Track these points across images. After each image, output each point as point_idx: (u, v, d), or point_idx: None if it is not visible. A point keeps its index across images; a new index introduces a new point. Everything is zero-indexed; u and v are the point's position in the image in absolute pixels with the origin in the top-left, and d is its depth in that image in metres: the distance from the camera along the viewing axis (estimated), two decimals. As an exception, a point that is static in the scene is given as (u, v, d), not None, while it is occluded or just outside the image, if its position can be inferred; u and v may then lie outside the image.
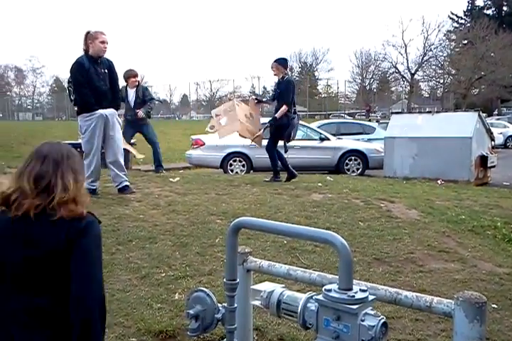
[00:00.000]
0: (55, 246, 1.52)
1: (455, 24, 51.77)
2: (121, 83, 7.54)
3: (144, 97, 8.53)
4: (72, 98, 5.53)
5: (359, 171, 11.03)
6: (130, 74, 8.40)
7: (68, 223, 1.54)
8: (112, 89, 5.57)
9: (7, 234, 1.56)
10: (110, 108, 5.51)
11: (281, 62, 7.38)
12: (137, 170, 10.98)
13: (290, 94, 7.22)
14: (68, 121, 43.15)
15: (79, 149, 11.39)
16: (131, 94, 8.45)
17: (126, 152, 11.11)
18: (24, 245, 1.53)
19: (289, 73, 8.04)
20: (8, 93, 68.23)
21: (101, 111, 5.39)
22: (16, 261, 1.54)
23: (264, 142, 7.54)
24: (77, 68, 5.33)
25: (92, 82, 5.33)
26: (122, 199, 5.40)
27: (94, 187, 5.47)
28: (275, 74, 7.36)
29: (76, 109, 5.57)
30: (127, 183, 5.74)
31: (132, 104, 8.46)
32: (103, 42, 5.35)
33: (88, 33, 5.35)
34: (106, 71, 5.48)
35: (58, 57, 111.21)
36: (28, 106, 67.77)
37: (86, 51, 5.35)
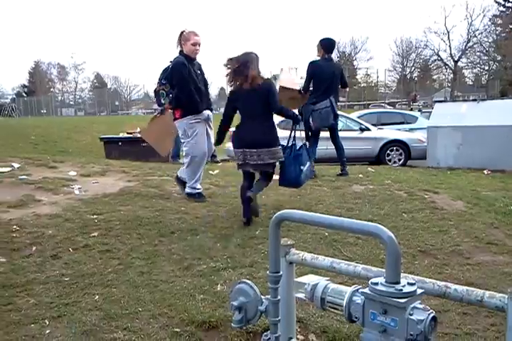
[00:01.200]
0: None
1: (501, 8, 49.63)
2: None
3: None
4: (164, 101, 5.19)
5: (401, 162, 10.82)
6: None
7: None
8: (206, 90, 5.41)
9: None
10: (208, 109, 5.37)
11: (322, 43, 6.80)
12: (178, 163, 11.14)
13: (307, 79, 6.66)
14: (109, 117, 44.20)
15: (120, 143, 11.70)
16: None
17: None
18: None
19: (331, 57, 7.20)
20: (52, 89, 70.37)
21: (205, 111, 5.27)
22: None
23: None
24: (182, 68, 5.05)
25: (195, 82, 5.14)
26: (164, 192, 5.48)
27: (200, 191, 5.33)
28: (318, 55, 6.83)
29: (176, 111, 5.19)
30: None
31: None
32: (194, 44, 5.14)
33: (182, 33, 5.18)
34: (199, 72, 5.32)
35: (98, 53, 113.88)
36: (71, 102, 69.74)
37: (181, 51, 5.19)
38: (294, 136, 5.02)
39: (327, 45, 6.83)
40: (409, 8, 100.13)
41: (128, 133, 12.05)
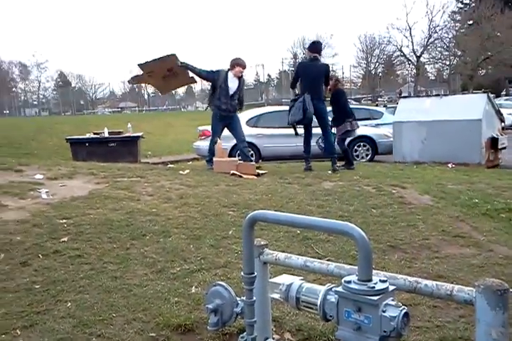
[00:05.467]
0: None
1: (460, 4, 50.97)
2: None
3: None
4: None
5: (368, 157, 10.99)
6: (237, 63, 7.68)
7: None
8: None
9: None
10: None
11: (308, 46, 7.92)
12: (146, 163, 11.02)
13: (294, 78, 7.60)
14: (75, 116, 43.30)
15: (87, 144, 11.48)
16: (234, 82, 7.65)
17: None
18: None
19: (316, 57, 7.76)
20: (14, 89, 68.48)
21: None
22: None
23: None
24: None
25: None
26: (134, 194, 5.42)
27: None
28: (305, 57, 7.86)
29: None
30: None
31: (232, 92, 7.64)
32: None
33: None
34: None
35: (61, 51, 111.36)
36: (34, 102, 68.02)
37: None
38: None
39: (311, 47, 7.77)
40: (372, 5, 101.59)
41: (95, 133, 11.84)
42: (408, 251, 3.72)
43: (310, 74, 7.25)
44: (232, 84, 7.51)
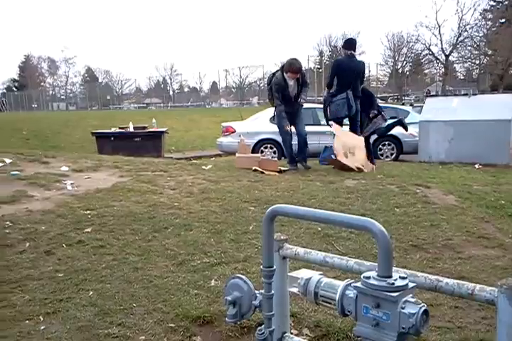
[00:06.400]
0: None
1: (491, 2, 49.80)
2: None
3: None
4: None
5: (393, 156, 10.86)
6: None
7: None
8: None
9: None
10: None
11: (344, 42, 7.81)
12: (169, 158, 11.12)
13: (331, 75, 7.52)
14: (101, 111, 43.92)
15: (112, 138, 11.65)
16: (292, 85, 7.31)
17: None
18: None
19: (353, 54, 7.62)
20: (42, 83, 69.81)
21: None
22: None
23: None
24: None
25: None
26: (157, 188, 5.48)
27: None
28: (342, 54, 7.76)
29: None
30: None
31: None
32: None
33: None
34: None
35: (89, 47, 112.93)
36: (62, 96, 69.25)
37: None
38: None
39: (346, 44, 7.71)
40: (400, 2, 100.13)
41: (120, 128, 12.00)
42: (431, 251, 3.67)
43: (349, 70, 7.24)
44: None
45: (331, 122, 7.43)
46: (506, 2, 45.52)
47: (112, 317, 2.59)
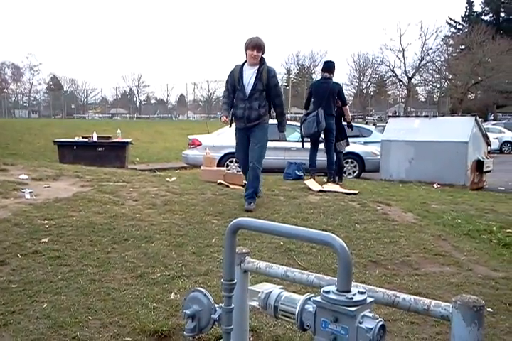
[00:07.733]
0: None
1: (453, 29, 52.13)
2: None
3: None
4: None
5: (355, 174, 11.06)
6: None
7: None
8: None
9: None
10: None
11: (322, 65, 8.06)
12: (133, 169, 10.97)
13: (307, 98, 7.87)
14: (64, 120, 43.03)
15: (74, 147, 11.41)
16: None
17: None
18: None
19: (328, 76, 7.78)
20: (5, 90, 68.03)
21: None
22: None
23: None
24: None
25: None
26: (118, 198, 5.39)
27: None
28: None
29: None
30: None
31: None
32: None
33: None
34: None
35: (55, 55, 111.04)
36: (25, 104, 67.67)
37: None
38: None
39: (323, 66, 7.98)
40: (367, 24, 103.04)
41: (84, 137, 11.78)
42: (389, 267, 3.73)
43: (322, 91, 7.51)
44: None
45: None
46: (466, 30, 47.50)
47: (66, 330, 2.51)
